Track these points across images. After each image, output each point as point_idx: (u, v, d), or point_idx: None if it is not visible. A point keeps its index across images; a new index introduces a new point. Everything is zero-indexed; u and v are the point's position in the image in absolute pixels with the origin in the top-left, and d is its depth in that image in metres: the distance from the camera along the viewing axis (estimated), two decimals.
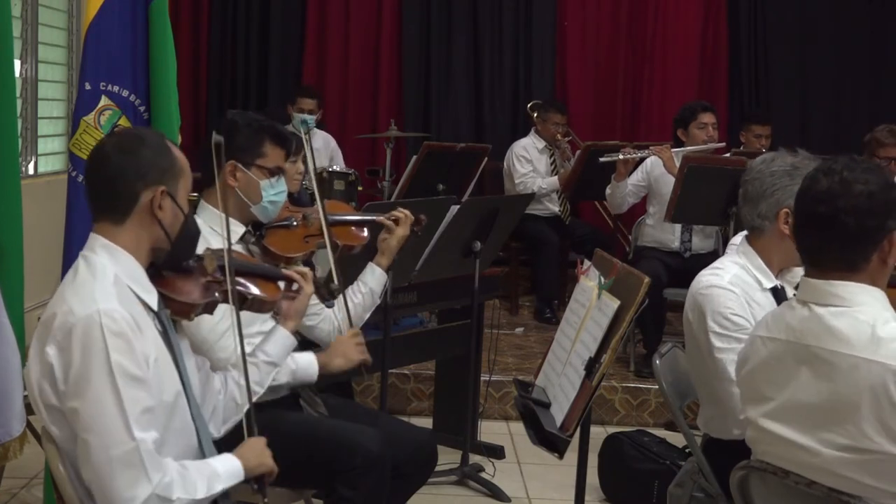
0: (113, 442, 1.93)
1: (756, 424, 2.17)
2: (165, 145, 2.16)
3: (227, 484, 2.08)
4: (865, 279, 2.04)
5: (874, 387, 1.93)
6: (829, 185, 2.03)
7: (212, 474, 2.06)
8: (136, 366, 1.96)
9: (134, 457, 1.93)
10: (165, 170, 2.12)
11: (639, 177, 5.64)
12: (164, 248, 2.13)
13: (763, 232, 2.72)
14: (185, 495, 1.99)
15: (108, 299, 1.98)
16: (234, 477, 2.10)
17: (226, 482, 2.08)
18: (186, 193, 2.18)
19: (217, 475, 2.07)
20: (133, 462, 1.93)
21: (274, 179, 2.84)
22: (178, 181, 2.14)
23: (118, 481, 1.93)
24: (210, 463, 2.10)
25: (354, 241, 3.07)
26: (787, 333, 2.10)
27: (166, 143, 2.17)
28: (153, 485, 1.94)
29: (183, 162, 2.17)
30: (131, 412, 1.93)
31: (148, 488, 1.94)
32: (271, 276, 2.46)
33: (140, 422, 1.95)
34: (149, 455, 1.95)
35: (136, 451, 1.93)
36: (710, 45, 7.69)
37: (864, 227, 2.01)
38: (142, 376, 1.97)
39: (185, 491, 1.99)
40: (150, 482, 1.94)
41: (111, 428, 1.93)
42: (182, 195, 2.15)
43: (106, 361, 1.93)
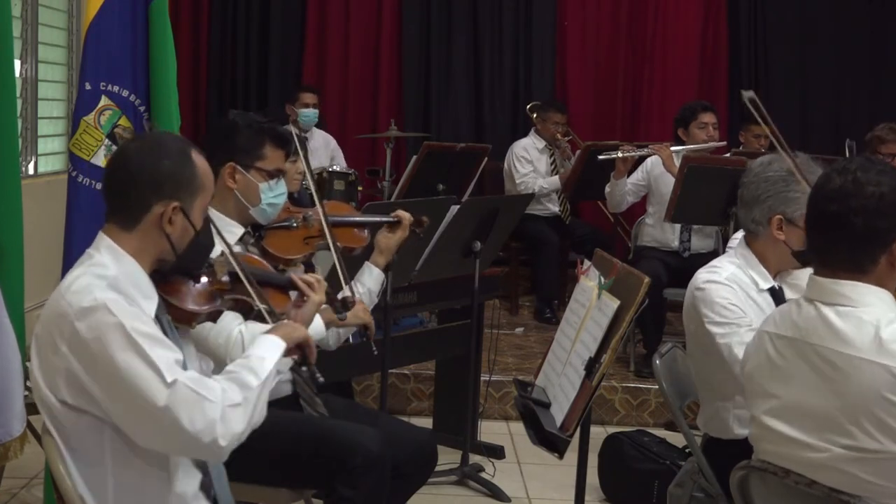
0: (158, 396, 1.90)
1: (759, 421, 2.17)
2: (188, 156, 2.10)
3: (274, 359, 2.07)
4: (873, 281, 2.04)
5: (876, 388, 1.93)
6: (842, 185, 2.03)
7: (257, 360, 2.05)
8: (150, 328, 1.96)
9: (184, 392, 1.91)
10: (182, 184, 2.07)
11: (639, 176, 5.64)
12: (169, 260, 2.11)
13: (758, 235, 2.73)
14: (246, 393, 1.98)
15: (103, 291, 1.97)
16: (277, 349, 2.09)
17: (272, 358, 2.07)
18: (203, 208, 2.14)
19: (262, 358, 2.06)
20: (187, 398, 1.91)
21: (273, 182, 2.84)
22: (195, 197, 2.10)
23: (187, 421, 1.90)
24: (249, 353, 2.09)
25: (355, 243, 3.07)
26: (792, 331, 2.10)
27: (190, 153, 2.11)
28: (217, 402, 1.93)
29: (204, 175, 2.12)
30: (162, 364, 1.92)
31: (216, 408, 1.92)
32: (282, 286, 2.41)
33: (173, 369, 1.93)
34: (196, 383, 1.93)
35: (182, 387, 1.91)
36: (710, 45, 7.68)
37: (873, 229, 2.01)
38: (160, 336, 1.97)
39: (244, 389, 1.99)
40: (213, 402, 1.93)
41: (151, 385, 1.90)
42: (197, 210, 2.11)
43: (123, 331, 1.92)
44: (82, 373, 1.94)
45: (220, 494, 2.18)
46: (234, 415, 1.95)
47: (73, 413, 1.99)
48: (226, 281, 2.21)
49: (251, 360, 2.06)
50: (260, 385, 2.01)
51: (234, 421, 1.95)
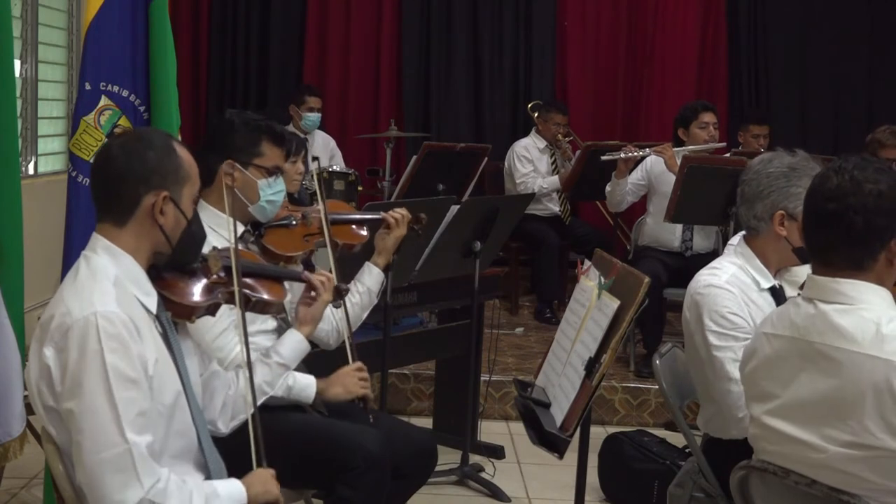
0: (105, 444, 1.90)
1: (759, 421, 2.17)
2: (172, 148, 2.12)
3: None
4: (872, 279, 2.04)
5: (877, 384, 1.93)
6: (840, 183, 2.03)
7: (211, 493, 2.03)
8: (131, 368, 1.94)
9: (126, 460, 1.91)
10: (169, 174, 2.09)
11: (639, 175, 5.64)
12: (165, 252, 2.12)
13: (759, 233, 2.73)
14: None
15: (105, 302, 1.97)
16: (236, 501, 2.07)
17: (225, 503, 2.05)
18: (192, 198, 2.15)
19: (217, 495, 2.04)
20: (125, 465, 1.90)
21: (272, 179, 2.84)
22: (183, 186, 2.11)
23: (109, 484, 1.90)
24: (213, 483, 2.07)
25: (354, 240, 3.07)
26: (791, 330, 2.10)
27: (173, 145, 2.13)
28: (145, 490, 1.92)
29: (190, 166, 2.14)
30: (125, 415, 1.91)
31: (139, 492, 1.91)
32: (276, 277, 2.44)
33: (134, 424, 1.92)
34: (141, 459, 1.92)
35: (128, 454, 1.91)
36: (710, 46, 7.68)
37: (872, 227, 2.01)
38: (137, 378, 1.95)
39: (181, 502, 1.96)
40: (141, 487, 1.91)
41: (104, 430, 1.91)
42: (187, 200, 2.12)
43: (101, 363, 1.92)
44: (57, 380, 1.95)
45: None
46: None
47: (56, 416, 2.00)
48: (221, 275, 2.22)
49: (209, 490, 2.03)
50: None
51: None
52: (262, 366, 2.45)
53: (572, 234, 6.67)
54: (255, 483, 2.12)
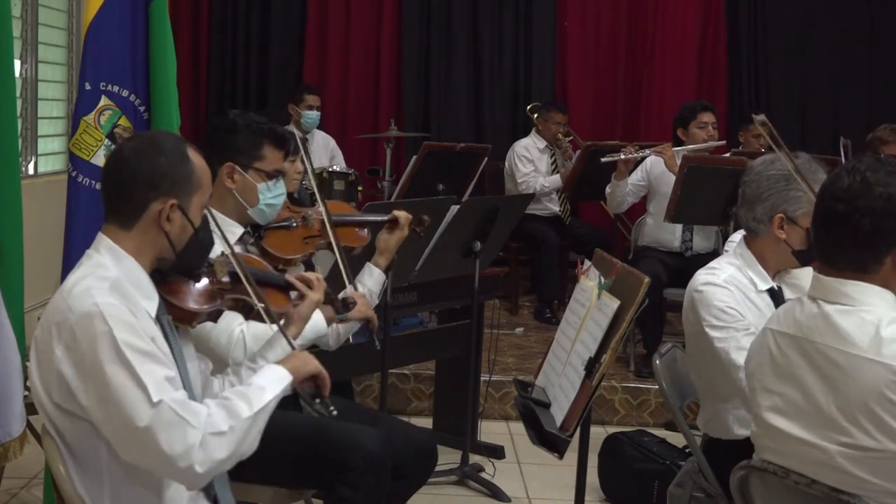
0: (141, 415, 1.89)
1: (761, 418, 2.17)
2: (185, 154, 2.10)
3: (274, 392, 2.04)
4: (877, 281, 2.04)
5: (876, 386, 1.93)
6: (850, 184, 2.03)
7: (255, 391, 2.03)
8: (143, 342, 1.94)
9: (167, 414, 1.90)
10: (180, 181, 2.07)
11: (638, 176, 5.64)
12: (168, 258, 2.11)
13: (759, 234, 2.73)
14: (234, 422, 1.96)
15: (103, 295, 1.97)
16: (281, 381, 2.07)
17: (273, 391, 2.04)
18: (202, 205, 2.13)
19: (261, 388, 2.04)
20: (170, 420, 1.90)
21: (272, 182, 2.83)
22: (193, 194, 2.09)
23: (165, 444, 1.89)
24: (252, 379, 2.07)
25: (355, 243, 3.07)
26: (795, 328, 2.11)
27: (187, 152, 2.11)
28: (199, 428, 1.91)
29: (202, 173, 2.12)
30: (150, 382, 1.90)
31: (196, 434, 1.91)
32: (283, 286, 2.41)
33: (162, 387, 1.92)
34: (181, 405, 1.91)
35: (166, 409, 1.90)
36: (710, 46, 7.69)
37: (879, 230, 2.01)
38: (151, 350, 1.95)
39: (234, 417, 1.96)
40: (195, 427, 1.91)
41: (135, 403, 1.89)
42: (195, 207, 2.11)
43: (113, 342, 1.91)
44: (73, 378, 1.95)
45: (221, 494, 2.18)
46: (215, 442, 1.93)
47: (65, 416, 1.99)
48: (226, 281, 2.21)
49: (251, 388, 2.04)
50: (251, 416, 1.99)
51: (216, 449, 1.93)
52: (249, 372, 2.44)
53: (572, 234, 6.67)
54: (290, 360, 2.14)
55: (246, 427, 1.98)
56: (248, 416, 1.98)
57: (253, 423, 1.99)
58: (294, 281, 2.42)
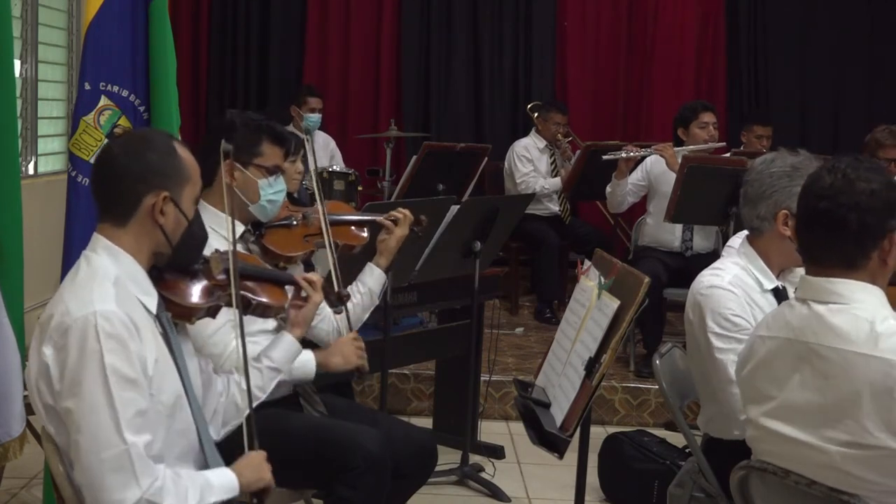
0: (103, 444, 1.91)
1: (757, 423, 2.17)
2: (173, 149, 2.12)
3: (220, 497, 2.06)
4: (865, 278, 2.04)
5: (874, 382, 1.94)
6: (832, 182, 2.03)
7: (205, 485, 2.04)
8: (130, 368, 1.95)
9: (124, 460, 1.92)
10: (170, 174, 2.09)
11: (639, 175, 5.64)
12: (165, 253, 2.12)
13: (763, 233, 2.72)
14: (175, 503, 1.97)
15: (105, 301, 1.97)
16: (229, 491, 2.08)
17: (219, 495, 2.06)
18: (194, 198, 2.15)
19: (210, 486, 2.05)
20: (123, 465, 1.91)
21: (272, 178, 2.84)
22: (184, 187, 2.11)
23: (107, 484, 1.91)
24: (205, 474, 2.08)
25: (354, 241, 3.07)
26: (786, 332, 2.11)
27: (174, 146, 2.13)
28: (143, 489, 1.93)
29: (191, 167, 2.14)
30: (123, 415, 1.92)
31: (137, 492, 1.92)
32: (278, 281, 2.42)
33: (132, 424, 1.93)
34: (139, 459, 1.93)
35: (126, 454, 1.91)
36: (709, 46, 7.69)
37: (864, 225, 2.01)
38: (136, 378, 1.95)
39: (177, 499, 1.97)
40: (139, 487, 1.92)
41: (102, 430, 1.91)
42: (187, 200, 2.12)
43: (100, 363, 1.92)
44: (56, 379, 1.96)
45: None
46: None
47: (55, 416, 2.00)
48: (222, 277, 2.21)
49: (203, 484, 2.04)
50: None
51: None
52: (254, 371, 2.44)
53: (572, 234, 6.67)
54: (247, 470, 2.13)
55: None
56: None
57: None
58: (301, 280, 2.43)
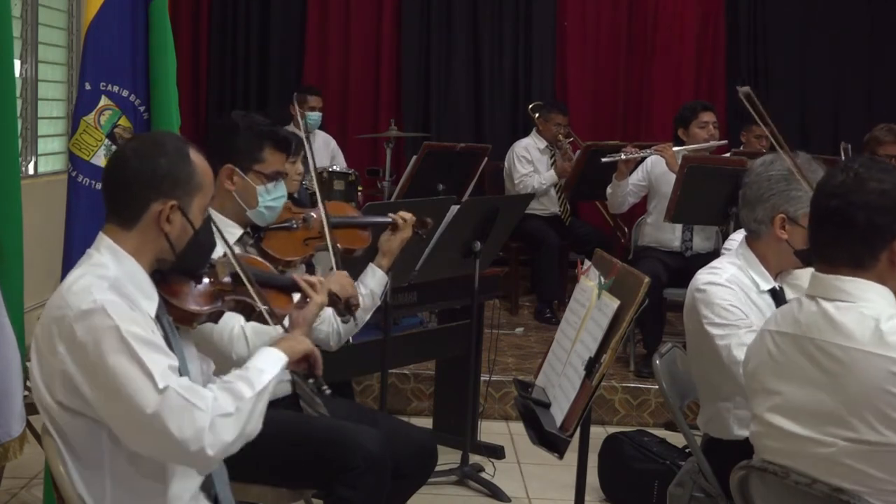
0: (148, 402, 1.90)
1: (761, 419, 2.17)
2: (186, 155, 2.09)
3: (273, 372, 2.07)
4: (874, 278, 2.04)
5: (878, 380, 1.94)
6: (844, 180, 2.04)
7: (255, 371, 2.05)
8: (146, 332, 1.95)
9: (175, 400, 1.91)
10: (180, 182, 2.07)
11: (639, 176, 5.64)
12: (168, 259, 2.11)
13: (760, 235, 2.73)
14: (239, 403, 1.98)
15: (103, 293, 1.97)
16: (277, 363, 2.09)
17: (272, 371, 2.07)
18: (203, 206, 2.13)
19: (260, 370, 2.06)
20: (178, 405, 1.91)
21: (271, 185, 2.82)
22: (194, 195, 2.09)
23: (176, 429, 1.90)
24: (248, 365, 2.08)
25: (356, 244, 3.06)
26: (794, 327, 2.11)
27: (188, 152, 2.10)
28: (208, 411, 1.93)
29: (203, 174, 2.12)
30: (155, 370, 1.91)
31: (205, 417, 1.92)
32: (284, 287, 2.40)
33: (167, 375, 1.93)
34: (188, 390, 1.93)
35: (173, 394, 1.91)
36: (709, 46, 7.69)
37: (874, 224, 2.01)
38: (155, 340, 1.96)
39: (239, 398, 1.98)
40: (203, 410, 1.92)
41: (142, 391, 1.90)
42: (196, 209, 2.10)
43: (118, 334, 1.92)
44: (77, 375, 1.95)
45: (221, 494, 2.18)
46: (224, 424, 1.94)
47: (69, 414, 1.99)
48: (227, 282, 2.20)
49: (249, 371, 2.05)
50: (254, 396, 2.01)
51: (224, 431, 1.94)
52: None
53: (572, 234, 6.67)
54: (283, 341, 2.16)
55: (250, 407, 2.00)
56: (251, 397, 2.00)
57: (256, 402, 2.01)
58: (301, 282, 2.42)
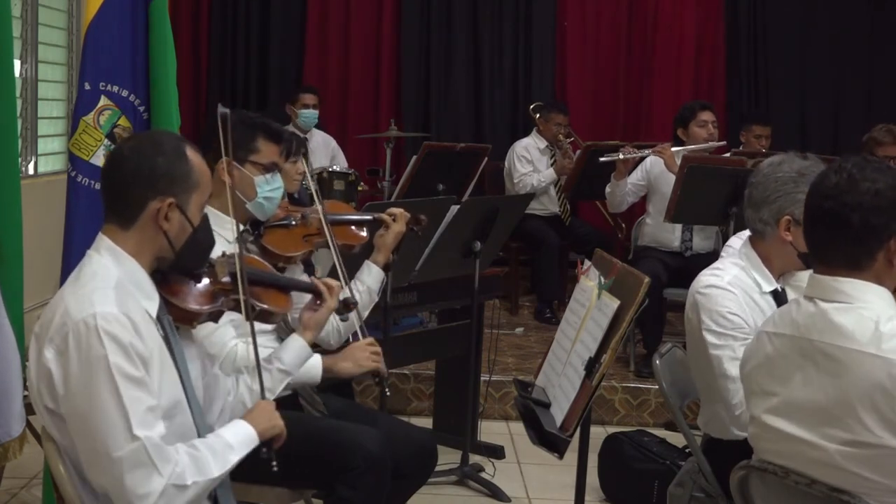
0: (117, 444, 1.91)
1: (759, 420, 2.17)
2: (183, 153, 2.10)
3: (241, 454, 2.07)
4: (871, 278, 2.04)
5: (876, 382, 1.94)
6: (837, 182, 2.04)
7: (224, 447, 2.05)
8: (134, 368, 1.94)
9: (141, 455, 1.92)
10: (177, 180, 2.07)
11: (638, 176, 5.65)
12: (168, 258, 2.11)
13: (765, 236, 2.72)
14: (199, 478, 1.98)
15: (105, 302, 1.96)
16: (248, 444, 2.09)
17: (240, 452, 2.07)
18: (201, 204, 2.13)
19: (230, 447, 2.06)
20: (141, 460, 1.92)
21: (269, 175, 2.83)
22: (191, 193, 2.09)
23: (128, 482, 1.92)
24: (221, 435, 2.08)
25: (353, 241, 3.07)
26: (792, 329, 2.11)
27: (185, 151, 2.11)
28: (165, 477, 1.93)
29: (200, 173, 2.12)
30: (133, 413, 1.91)
31: (161, 482, 1.93)
32: (283, 287, 2.40)
33: (144, 421, 1.93)
34: (156, 449, 1.93)
35: (142, 448, 1.92)
36: (709, 46, 7.69)
37: (869, 225, 2.01)
38: (141, 377, 1.95)
39: (200, 473, 1.98)
40: (161, 476, 1.93)
41: (115, 430, 1.91)
42: (194, 207, 2.10)
43: (105, 364, 1.92)
44: (59, 382, 1.95)
45: (221, 494, 2.18)
46: (175, 495, 1.96)
47: (55, 418, 2.00)
48: (227, 281, 2.20)
49: (219, 444, 2.05)
50: (217, 478, 2.02)
51: (174, 500, 1.95)
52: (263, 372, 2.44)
53: (572, 234, 6.67)
54: (260, 419, 2.14)
55: (207, 486, 2.01)
56: (213, 478, 2.01)
57: (214, 483, 2.03)
58: (320, 285, 2.42)
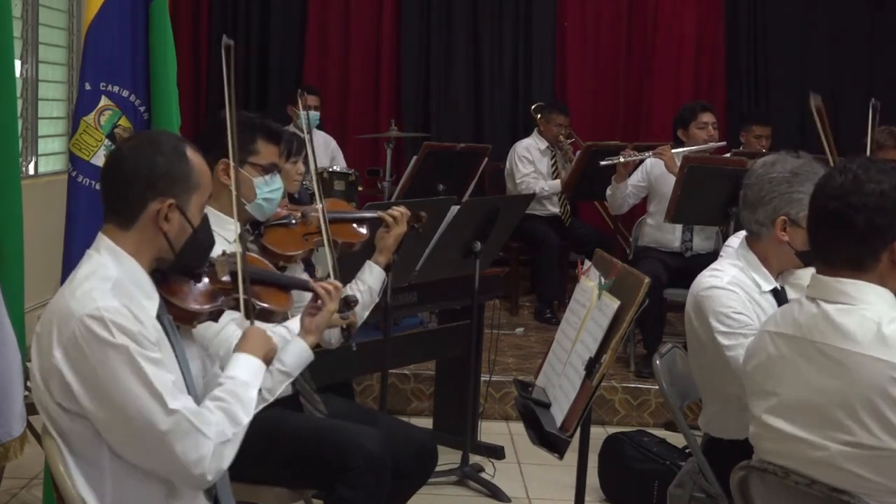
0: (158, 420, 1.93)
1: (759, 420, 2.17)
2: (183, 154, 2.10)
3: (257, 386, 2.12)
4: (874, 279, 2.04)
5: (878, 384, 1.94)
6: (842, 182, 2.04)
7: (243, 388, 2.08)
8: (148, 349, 1.96)
9: (184, 424, 1.94)
10: (177, 181, 2.07)
11: (638, 177, 5.65)
12: (167, 258, 2.11)
13: (761, 237, 2.72)
14: (237, 428, 2.03)
15: (105, 298, 1.96)
16: (259, 374, 2.14)
17: (255, 386, 2.11)
18: (201, 205, 2.13)
19: (246, 385, 2.09)
20: (185, 429, 1.95)
21: (268, 177, 2.82)
22: (191, 194, 2.09)
23: (181, 452, 1.94)
24: (233, 376, 2.10)
25: (354, 239, 3.07)
26: (794, 329, 2.11)
27: (185, 151, 2.11)
28: (212, 438, 1.97)
29: (200, 173, 2.12)
30: (163, 388, 1.94)
31: (210, 444, 1.97)
32: (284, 286, 2.40)
33: (173, 393, 1.96)
34: (195, 415, 1.97)
35: (182, 418, 1.94)
36: (709, 46, 7.69)
37: (873, 226, 2.01)
38: (158, 358, 1.97)
39: (234, 423, 2.03)
40: (208, 438, 1.97)
41: (152, 411, 1.93)
42: (194, 207, 2.10)
43: (123, 352, 1.92)
44: (73, 381, 1.95)
45: (221, 494, 2.18)
46: (224, 451, 2.01)
47: (68, 416, 1.99)
48: (227, 280, 2.20)
49: (237, 387, 2.08)
50: (249, 422, 2.07)
51: (225, 458, 2.01)
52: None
53: (572, 235, 6.67)
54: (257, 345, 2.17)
55: (243, 431, 2.06)
56: (246, 423, 2.06)
57: (247, 426, 2.07)
58: (318, 288, 2.42)
